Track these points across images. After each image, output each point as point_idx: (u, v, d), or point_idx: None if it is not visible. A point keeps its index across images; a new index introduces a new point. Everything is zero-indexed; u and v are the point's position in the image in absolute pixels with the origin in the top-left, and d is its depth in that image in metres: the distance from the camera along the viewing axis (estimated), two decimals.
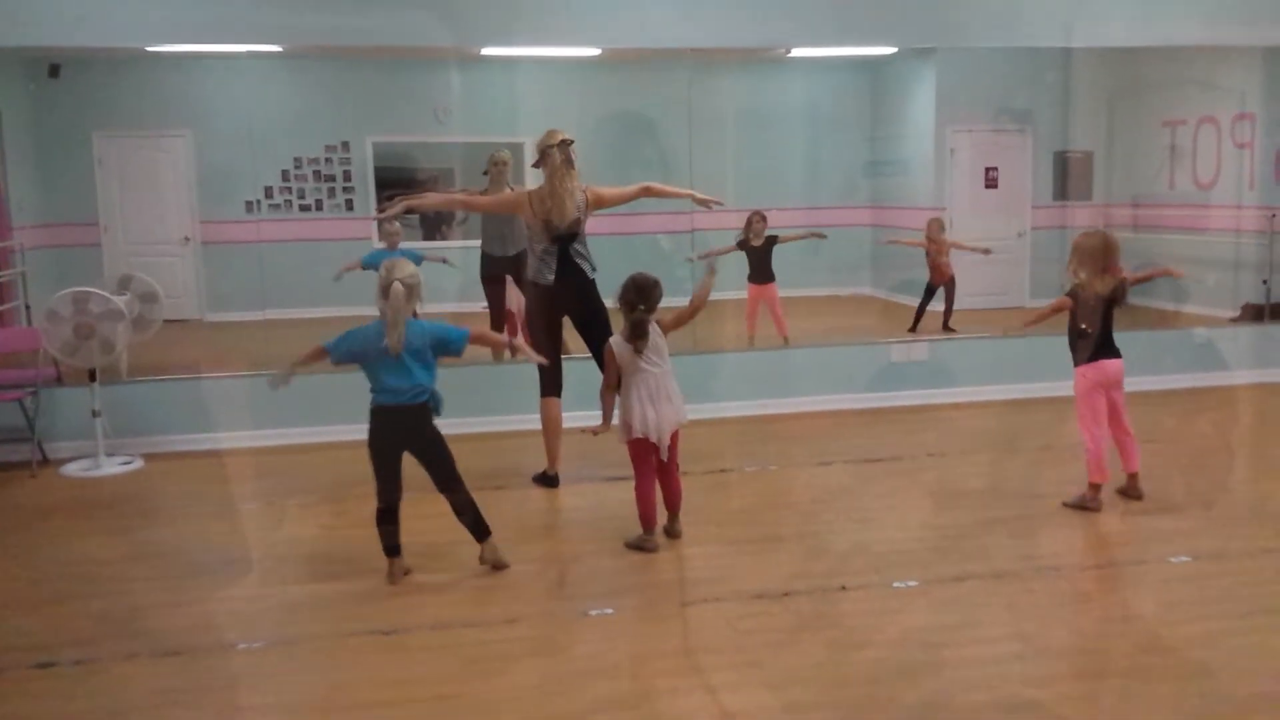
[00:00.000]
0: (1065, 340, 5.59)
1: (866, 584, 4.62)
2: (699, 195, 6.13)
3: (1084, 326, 5.46)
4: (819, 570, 4.79)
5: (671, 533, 5.17)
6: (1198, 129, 10.51)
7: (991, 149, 11.53)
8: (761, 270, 9.08)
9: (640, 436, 4.96)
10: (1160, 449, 6.68)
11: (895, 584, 4.61)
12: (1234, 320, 9.41)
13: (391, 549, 4.75)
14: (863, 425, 7.49)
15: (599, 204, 5.91)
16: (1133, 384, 5.75)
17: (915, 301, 10.21)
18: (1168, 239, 10.78)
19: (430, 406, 4.64)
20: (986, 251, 10.05)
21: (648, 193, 6.02)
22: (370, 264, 8.89)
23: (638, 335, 4.91)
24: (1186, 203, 10.70)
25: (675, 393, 5.01)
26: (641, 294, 4.92)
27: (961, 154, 11.42)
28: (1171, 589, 4.59)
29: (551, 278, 5.81)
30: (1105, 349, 5.50)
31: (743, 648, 4.07)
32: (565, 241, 5.80)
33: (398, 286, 4.49)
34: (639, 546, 5.04)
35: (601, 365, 5.74)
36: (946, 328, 9.68)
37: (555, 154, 5.72)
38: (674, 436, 5.03)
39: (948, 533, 5.25)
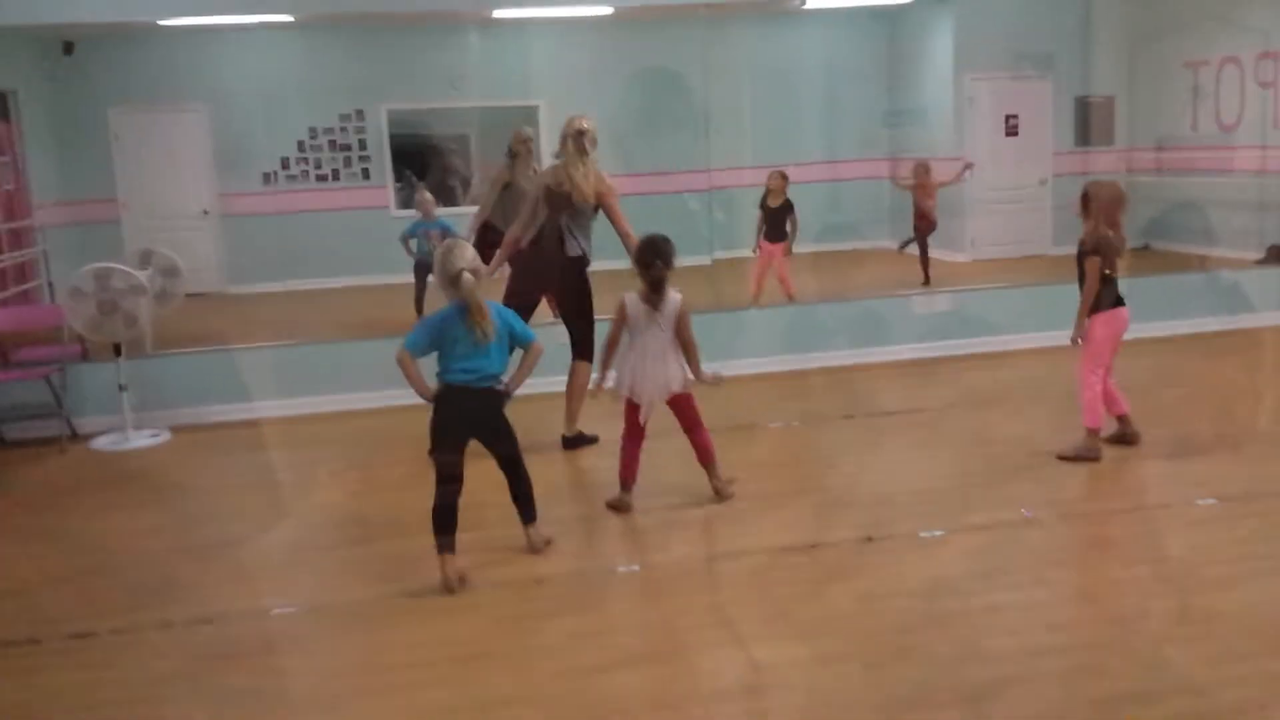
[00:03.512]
0: (1079, 288, 5.48)
1: (892, 534, 4.62)
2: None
3: (1108, 273, 5.39)
4: (845, 523, 4.80)
5: (718, 492, 5.10)
6: (1220, 69, 10.36)
7: (1011, 96, 11.42)
8: (775, 230, 9.06)
9: (626, 396, 4.99)
10: (1186, 392, 6.64)
11: (921, 534, 4.62)
12: (1259, 262, 9.32)
13: (446, 544, 4.29)
14: (884, 379, 7.46)
15: (605, 202, 5.87)
16: (1158, 328, 5.71)
17: (937, 254, 10.18)
18: (1192, 181, 10.67)
19: (503, 391, 4.41)
20: (969, 167, 9.93)
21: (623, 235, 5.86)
22: (411, 234, 8.89)
23: (655, 291, 4.90)
24: (1210, 144, 10.57)
25: (671, 362, 4.94)
26: (657, 252, 4.90)
27: (981, 102, 11.32)
28: (1197, 532, 4.57)
29: (532, 242, 5.92)
30: (1119, 297, 5.44)
31: (771, 600, 4.09)
32: (554, 214, 5.87)
33: (468, 277, 4.21)
34: (613, 505, 5.06)
35: (574, 343, 5.91)
36: (926, 282, 9.66)
37: (569, 144, 5.87)
38: (684, 399, 5.01)
39: (972, 482, 5.24)
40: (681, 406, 5.04)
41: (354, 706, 3.51)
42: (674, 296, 4.94)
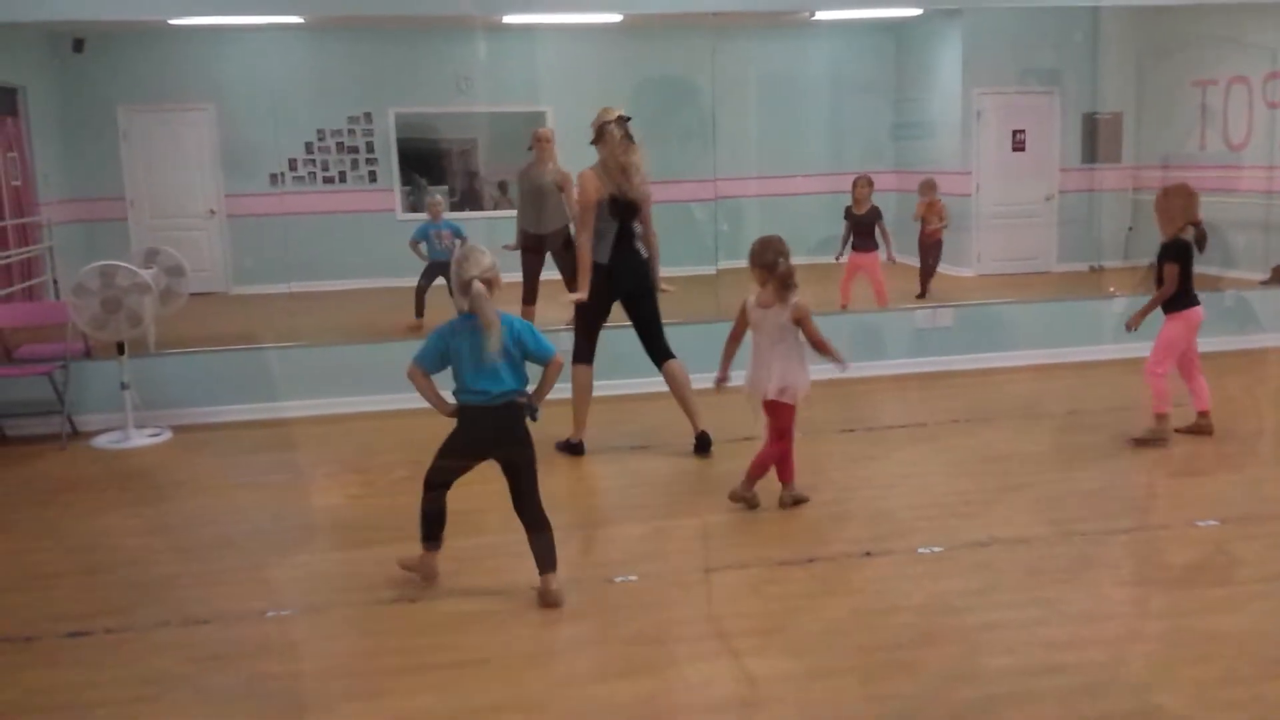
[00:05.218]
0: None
1: (891, 550, 4.61)
2: (661, 283, 6.02)
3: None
4: (843, 536, 4.79)
5: (781, 503, 5.16)
6: (1228, 89, 10.35)
7: (1019, 111, 11.39)
8: (862, 238, 9.09)
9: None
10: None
11: (920, 549, 4.61)
12: (1264, 283, 9.29)
13: (432, 537, 4.35)
14: (884, 392, 7.46)
15: (646, 202, 5.88)
16: None
17: (941, 267, 10.17)
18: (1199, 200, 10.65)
19: (524, 407, 4.18)
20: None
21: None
22: (421, 237, 8.97)
23: (785, 288, 4.91)
24: (1217, 164, 10.55)
25: (772, 366, 4.98)
26: (778, 250, 4.92)
27: (988, 116, 11.29)
28: (1199, 553, 4.56)
29: (606, 258, 5.78)
30: (1194, 297, 5.99)
31: (767, 613, 4.09)
32: (627, 219, 5.75)
33: (478, 286, 3.99)
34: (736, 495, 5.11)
35: (646, 343, 5.89)
36: (921, 296, 9.66)
37: (614, 130, 5.66)
38: (775, 407, 5.03)
39: (972, 498, 5.23)
40: (777, 413, 5.06)
41: (346, 710, 3.51)
42: (793, 299, 4.96)
